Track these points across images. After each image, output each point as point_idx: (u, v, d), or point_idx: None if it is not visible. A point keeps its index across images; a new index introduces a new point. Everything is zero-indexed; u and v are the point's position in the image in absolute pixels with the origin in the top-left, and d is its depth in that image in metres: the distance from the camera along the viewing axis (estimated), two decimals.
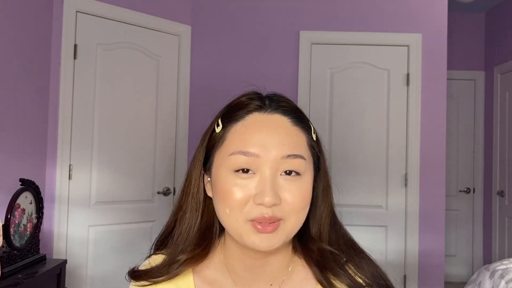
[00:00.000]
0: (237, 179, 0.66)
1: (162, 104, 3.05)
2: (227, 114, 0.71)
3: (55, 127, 2.56)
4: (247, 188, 0.65)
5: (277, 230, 0.65)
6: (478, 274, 2.42)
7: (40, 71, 2.47)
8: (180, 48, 3.15)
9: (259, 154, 0.65)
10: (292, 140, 0.68)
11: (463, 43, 4.57)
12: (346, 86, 3.24)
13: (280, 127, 0.68)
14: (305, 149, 0.69)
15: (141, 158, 2.93)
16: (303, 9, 3.26)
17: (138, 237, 2.89)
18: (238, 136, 0.68)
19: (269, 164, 0.65)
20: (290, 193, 0.66)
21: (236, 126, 0.69)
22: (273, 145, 0.66)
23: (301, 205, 0.67)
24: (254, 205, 0.64)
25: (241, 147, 0.66)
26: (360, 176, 3.18)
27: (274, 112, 0.69)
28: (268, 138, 0.66)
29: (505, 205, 4.14)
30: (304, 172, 0.68)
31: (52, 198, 2.54)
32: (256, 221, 0.65)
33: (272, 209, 0.64)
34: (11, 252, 1.80)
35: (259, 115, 0.69)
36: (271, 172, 0.65)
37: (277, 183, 0.65)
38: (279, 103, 0.71)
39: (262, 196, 0.64)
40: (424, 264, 3.16)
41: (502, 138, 4.23)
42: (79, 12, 2.66)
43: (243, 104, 0.70)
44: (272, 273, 0.73)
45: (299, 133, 0.69)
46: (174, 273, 0.72)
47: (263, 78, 3.12)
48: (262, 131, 0.67)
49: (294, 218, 0.67)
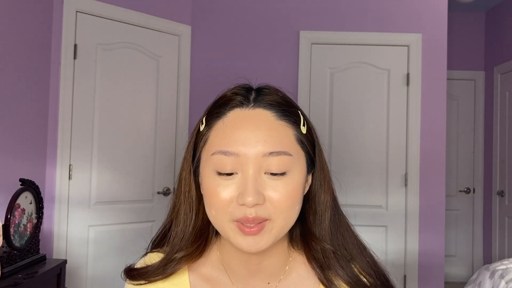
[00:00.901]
0: (220, 180, 0.64)
1: (162, 104, 3.05)
2: (210, 111, 0.69)
3: (55, 127, 2.56)
4: (230, 189, 0.63)
5: (263, 231, 0.63)
6: (478, 274, 2.42)
7: (40, 71, 2.47)
8: (180, 48, 3.15)
9: (239, 153, 0.63)
10: (275, 135, 0.64)
11: (463, 43, 4.57)
12: (346, 86, 3.24)
13: (262, 122, 0.64)
14: (291, 145, 0.65)
15: (141, 158, 2.93)
16: (303, 9, 3.26)
17: (138, 237, 2.89)
18: (219, 135, 0.65)
19: (251, 162, 0.63)
20: (275, 192, 0.63)
21: (217, 123, 0.66)
22: (254, 142, 0.63)
23: (287, 204, 0.64)
24: (238, 205, 0.63)
25: (221, 146, 0.64)
26: (360, 176, 3.18)
27: (257, 107, 0.66)
28: (248, 135, 0.63)
29: (505, 205, 4.14)
30: (291, 169, 0.64)
31: (52, 198, 2.54)
32: (240, 221, 0.63)
33: (256, 209, 0.62)
34: (11, 252, 1.80)
35: (240, 111, 0.66)
36: (253, 171, 0.63)
37: (260, 182, 0.63)
38: (263, 97, 0.67)
39: (244, 196, 0.61)
40: (424, 264, 3.16)
41: (502, 138, 4.23)
42: (79, 12, 2.66)
43: (226, 99, 0.68)
44: (269, 270, 0.72)
45: (284, 127, 0.65)
46: (170, 272, 0.71)
47: (263, 78, 3.10)
48: (243, 127, 0.64)
49: (282, 217, 0.64)
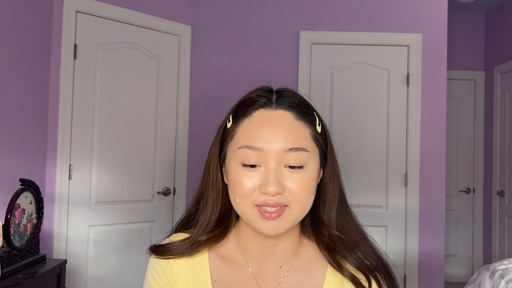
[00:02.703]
0: (245, 171, 0.72)
1: (162, 104, 3.05)
2: (237, 110, 0.77)
3: (55, 127, 2.56)
4: (254, 179, 0.71)
5: (282, 216, 0.71)
6: (478, 274, 2.42)
7: (40, 71, 2.47)
8: (180, 48, 3.15)
9: (263, 148, 0.71)
10: (294, 134, 0.72)
11: (463, 43, 4.57)
12: (346, 86, 3.24)
13: (283, 122, 0.73)
14: (308, 142, 0.74)
15: (141, 158, 2.93)
16: (303, 9, 3.26)
17: (138, 237, 2.89)
18: (245, 131, 0.74)
19: (273, 157, 0.71)
20: (293, 183, 0.71)
21: (244, 121, 0.75)
22: (276, 139, 0.71)
23: (304, 194, 0.72)
24: (260, 194, 0.71)
25: (247, 141, 0.72)
26: (360, 176, 3.18)
27: (279, 108, 0.74)
28: (272, 133, 0.72)
29: (505, 205, 4.14)
30: (307, 164, 0.73)
31: (52, 198, 2.54)
32: (262, 205, 0.71)
33: (277, 197, 0.70)
34: (11, 252, 1.80)
35: (264, 111, 0.74)
36: (275, 164, 0.71)
37: (281, 174, 0.71)
38: (284, 99, 0.75)
39: (266, 185, 0.70)
40: (424, 264, 3.16)
41: (502, 138, 4.23)
42: (79, 12, 2.66)
43: (251, 100, 0.76)
44: (282, 254, 0.79)
45: (302, 127, 0.74)
46: (194, 251, 0.80)
47: (263, 78, 3.12)
48: (267, 126, 0.72)
49: (299, 205, 0.72)
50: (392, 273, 0.81)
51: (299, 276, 0.79)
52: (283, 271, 0.79)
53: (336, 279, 0.78)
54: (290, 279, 0.78)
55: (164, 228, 3.00)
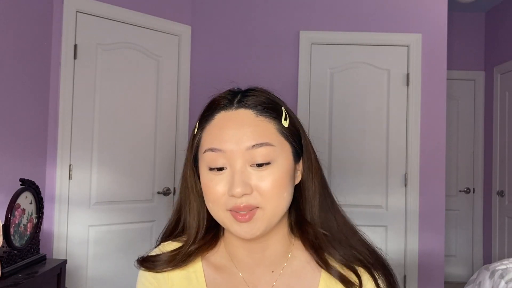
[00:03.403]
0: (212, 175, 0.71)
1: (162, 104, 3.05)
2: (201, 116, 0.76)
3: (55, 127, 2.56)
4: (222, 183, 0.70)
5: (255, 217, 0.69)
6: (478, 274, 2.42)
7: (40, 71, 2.47)
8: (180, 48, 3.15)
9: (225, 149, 0.69)
10: (257, 130, 0.70)
11: (463, 43, 4.57)
12: (346, 86, 3.24)
13: (244, 120, 0.71)
14: (273, 136, 0.71)
15: (141, 158, 2.93)
16: (303, 9, 3.26)
17: (138, 237, 2.89)
18: (208, 135, 0.73)
19: (237, 156, 0.69)
20: (261, 181, 0.69)
21: (207, 126, 0.73)
22: (237, 138, 0.69)
23: (274, 192, 0.69)
24: (229, 197, 0.69)
25: (209, 144, 0.71)
26: (360, 176, 3.18)
27: (239, 108, 0.72)
28: (232, 132, 0.70)
29: (505, 205, 4.14)
30: (275, 159, 0.70)
31: (52, 198, 2.54)
32: (233, 210, 0.69)
33: (246, 199, 0.68)
34: (11, 252, 1.80)
35: (225, 113, 0.72)
36: (240, 164, 0.69)
37: (247, 174, 0.69)
38: (246, 99, 0.73)
39: (232, 187, 0.68)
40: (424, 264, 3.16)
41: (502, 138, 4.23)
42: (79, 12, 2.66)
43: (214, 103, 0.75)
44: (271, 258, 0.77)
45: (265, 122, 0.71)
46: (185, 262, 0.77)
47: (263, 78, 3.12)
48: (227, 127, 0.71)
49: (272, 204, 0.69)
50: (388, 266, 0.78)
51: (292, 279, 0.76)
52: (275, 276, 0.76)
53: (331, 279, 0.75)
54: (283, 282, 0.76)
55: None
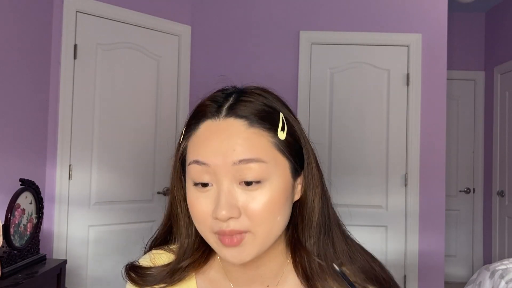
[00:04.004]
0: (197, 192, 0.63)
1: (162, 104, 3.05)
2: (187, 122, 0.68)
3: (55, 127, 2.56)
4: (207, 202, 0.62)
5: (244, 242, 0.61)
6: (478, 274, 2.42)
7: (40, 71, 2.47)
8: (180, 48, 3.15)
9: (210, 162, 0.61)
10: (245, 143, 0.61)
11: (463, 43, 4.57)
12: (346, 86, 3.24)
13: (233, 132, 0.62)
14: (266, 151, 0.62)
15: (141, 158, 2.93)
16: (303, 9, 3.26)
17: (138, 237, 2.89)
18: (193, 146, 0.65)
19: (223, 173, 0.61)
20: (250, 203, 0.61)
21: (193, 135, 0.65)
22: (223, 151, 0.61)
23: (265, 215, 0.61)
24: (214, 219, 0.61)
25: (194, 156, 0.63)
26: (360, 176, 3.18)
27: (228, 117, 0.63)
28: (218, 145, 0.61)
29: (505, 205, 4.13)
30: (268, 178, 0.61)
31: (52, 198, 2.54)
32: (219, 234, 0.62)
33: (233, 223, 0.60)
34: (11, 252, 1.80)
35: (212, 122, 0.64)
36: (227, 182, 0.61)
37: (234, 194, 0.61)
38: (237, 105, 0.64)
39: (216, 210, 0.60)
40: (424, 264, 3.15)
41: (502, 138, 4.23)
42: (79, 12, 2.66)
43: (200, 109, 0.67)
44: (266, 275, 0.71)
45: (256, 135, 0.62)
46: (177, 279, 0.71)
47: (263, 78, 3.12)
48: (213, 138, 0.62)
49: (262, 229, 0.61)
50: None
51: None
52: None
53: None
54: None
55: None
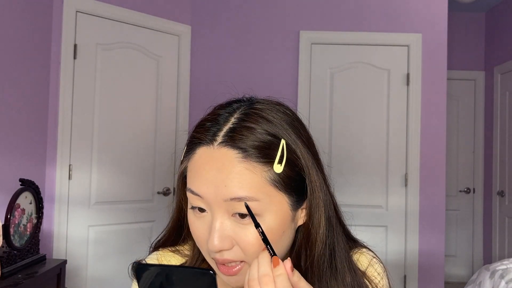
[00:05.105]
0: (194, 217, 0.63)
1: (162, 104, 3.05)
2: (188, 143, 0.66)
3: (55, 127, 2.56)
4: (203, 227, 0.62)
5: (241, 272, 0.61)
6: (478, 274, 2.42)
7: (40, 71, 2.47)
8: (180, 48, 3.15)
9: (203, 195, 0.60)
10: (236, 180, 0.59)
11: (463, 43, 4.57)
12: (346, 86, 3.24)
13: (225, 164, 0.59)
14: (258, 188, 0.59)
15: (141, 158, 2.93)
16: (303, 9, 3.26)
17: (138, 237, 2.89)
18: (189, 172, 0.63)
19: (216, 205, 0.60)
20: (243, 235, 0.59)
21: (191, 159, 0.63)
22: (215, 184, 0.59)
23: (259, 248, 0.59)
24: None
25: (189, 184, 0.62)
26: (360, 176, 3.18)
27: (223, 146, 0.60)
28: (210, 178, 0.60)
29: (505, 205, 4.13)
30: (261, 213, 0.59)
31: (52, 198, 2.54)
32: (216, 261, 0.61)
33: (226, 254, 0.60)
34: (11, 252, 1.80)
35: (206, 149, 0.61)
36: (220, 214, 0.60)
37: (228, 225, 0.60)
38: (234, 131, 0.61)
39: (209, 241, 0.59)
40: (424, 264, 3.15)
41: (502, 138, 4.23)
42: (79, 12, 2.66)
43: (198, 133, 0.64)
44: None
45: (250, 171, 0.59)
46: None
47: (263, 78, 3.12)
48: (205, 169, 0.60)
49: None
50: None
51: None
52: None
53: None
54: None
55: (164, 228, 2.99)
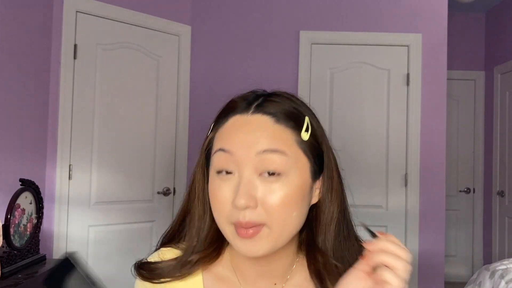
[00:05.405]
0: (219, 180, 0.66)
1: (162, 104, 3.05)
2: (217, 117, 0.72)
3: (55, 127, 2.56)
4: (227, 190, 0.65)
5: (259, 235, 0.64)
6: (478, 274, 2.42)
7: (40, 71, 2.47)
8: (180, 48, 3.15)
9: (235, 152, 0.65)
10: (271, 136, 0.65)
11: (463, 43, 4.57)
12: (346, 86, 3.24)
13: (260, 125, 0.66)
14: (288, 146, 0.65)
15: (141, 158, 2.93)
16: (303, 9, 3.26)
17: (138, 237, 2.89)
18: (219, 137, 0.68)
19: (246, 162, 0.64)
20: (268, 195, 0.63)
21: (220, 128, 0.69)
22: (248, 142, 0.65)
23: (281, 208, 0.63)
24: (233, 208, 0.64)
25: (219, 145, 0.67)
26: (360, 176, 3.18)
27: (256, 113, 0.67)
28: (244, 136, 0.65)
29: (505, 205, 4.14)
30: (287, 171, 0.64)
31: (52, 198, 2.54)
32: (236, 225, 0.64)
33: (249, 214, 0.63)
34: (11, 252, 1.80)
35: (240, 116, 0.68)
36: (248, 172, 0.64)
37: (254, 184, 0.64)
38: (266, 104, 0.68)
39: (236, 198, 0.63)
40: (424, 264, 3.15)
41: (502, 138, 4.23)
42: (79, 12, 2.66)
43: (230, 105, 0.71)
44: (276, 272, 0.73)
45: (282, 131, 0.66)
46: (185, 273, 0.73)
47: (263, 78, 3.12)
48: (240, 130, 0.66)
49: (277, 223, 0.64)
50: None
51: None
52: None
53: None
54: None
55: (164, 228, 2.97)
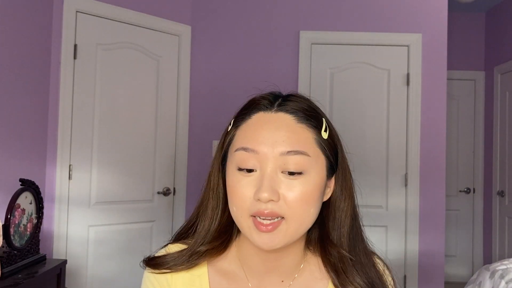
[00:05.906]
0: (240, 176, 0.68)
1: (162, 104, 3.05)
2: (238, 113, 0.73)
3: (55, 127, 2.56)
4: (249, 185, 0.67)
5: (278, 229, 0.66)
6: (478, 274, 2.42)
7: (40, 71, 2.47)
8: (180, 48, 3.15)
9: (259, 150, 0.67)
10: (294, 137, 0.67)
11: (463, 43, 4.57)
12: (346, 86, 3.24)
13: (283, 125, 0.68)
14: (310, 146, 0.68)
15: (141, 158, 2.93)
16: (303, 9, 3.26)
17: (138, 237, 2.89)
18: (242, 134, 0.70)
19: (269, 160, 0.66)
20: (290, 190, 0.66)
21: (243, 124, 0.71)
22: (272, 141, 0.67)
23: (301, 204, 0.66)
24: (254, 201, 0.66)
25: (243, 143, 0.69)
26: (360, 176, 3.17)
27: (279, 111, 0.70)
28: (269, 135, 0.67)
29: (505, 205, 4.13)
30: (308, 170, 0.67)
31: (52, 198, 2.54)
32: (256, 215, 0.66)
33: (271, 206, 0.65)
34: (11, 252, 1.80)
35: (264, 114, 0.70)
36: (271, 169, 0.66)
37: (276, 180, 0.66)
38: (287, 103, 0.71)
39: (259, 191, 0.65)
40: (424, 264, 3.15)
41: (502, 138, 4.23)
42: (79, 12, 2.66)
43: (254, 103, 0.72)
44: (284, 268, 0.75)
45: (304, 130, 0.69)
46: (193, 263, 0.74)
47: (263, 78, 3.12)
48: (264, 128, 0.68)
49: (296, 218, 0.67)
50: None
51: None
52: (285, 286, 0.75)
53: None
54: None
55: (164, 228, 3.00)
